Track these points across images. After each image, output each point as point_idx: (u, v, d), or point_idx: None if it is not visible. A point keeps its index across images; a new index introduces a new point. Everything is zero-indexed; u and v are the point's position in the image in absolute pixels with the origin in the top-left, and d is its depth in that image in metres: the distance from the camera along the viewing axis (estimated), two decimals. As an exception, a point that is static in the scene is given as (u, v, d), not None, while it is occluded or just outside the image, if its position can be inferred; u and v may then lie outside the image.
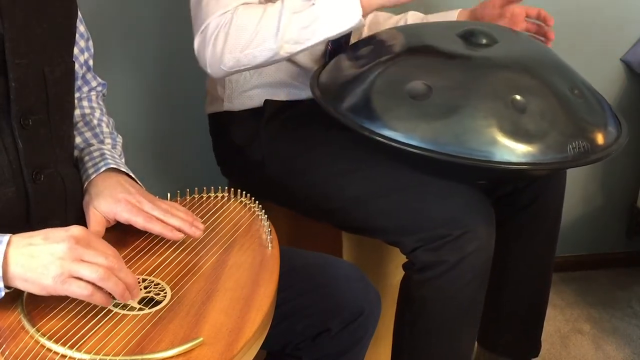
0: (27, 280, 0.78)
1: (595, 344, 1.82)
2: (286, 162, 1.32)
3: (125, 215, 0.94)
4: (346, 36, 1.37)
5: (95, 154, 1.02)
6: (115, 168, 1.00)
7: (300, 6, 1.17)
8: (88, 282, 0.78)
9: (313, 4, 1.16)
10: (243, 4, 1.19)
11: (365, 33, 1.52)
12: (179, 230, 0.95)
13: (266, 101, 1.34)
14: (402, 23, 1.51)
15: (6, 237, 0.79)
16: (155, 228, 0.94)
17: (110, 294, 0.80)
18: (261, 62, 1.21)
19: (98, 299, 0.79)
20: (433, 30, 1.34)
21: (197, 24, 1.22)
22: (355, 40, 1.41)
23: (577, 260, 2.13)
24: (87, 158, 1.02)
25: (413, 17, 1.51)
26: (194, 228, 0.96)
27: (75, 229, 0.81)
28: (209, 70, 1.22)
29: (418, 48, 1.25)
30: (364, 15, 1.17)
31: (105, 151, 1.03)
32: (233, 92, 1.35)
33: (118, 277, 0.80)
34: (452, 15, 1.48)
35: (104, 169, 0.99)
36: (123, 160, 1.07)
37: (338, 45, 1.37)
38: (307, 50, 1.21)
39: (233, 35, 1.18)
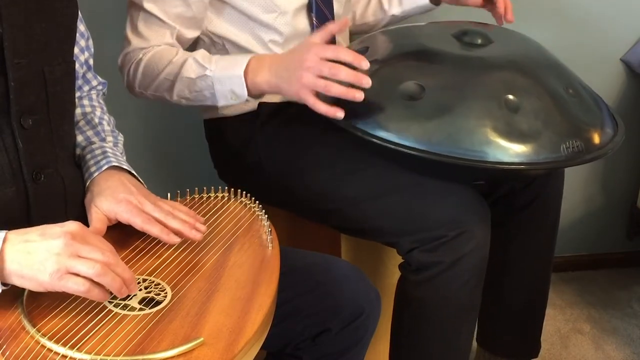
0: (24, 277, 0.78)
1: (595, 344, 1.82)
2: (282, 164, 1.32)
3: (125, 216, 0.94)
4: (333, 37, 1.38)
5: (97, 152, 1.02)
6: (117, 166, 1.00)
7: (196, 71, 1.23)
8: (85, 277, 0.78)
9: (206, 74, 1.22)
10: (160, 44, 1.27)
11: (350, 18, 1.54)
12: (179, 233, 0.95)
13: (260, 104, 1.34)
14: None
15: (2, 234, 0.79)
16: (153, 230, 0.94)
17: (107, 289, 0.80)
18: (169, 103, 1.30)
19: (95, 294, 0.79)
20: (427, 30, 1.34)
21: (123, 41, 1.30)
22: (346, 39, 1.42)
23: (577, 260, 2.13)
24: (89, 156, 1.02)
25: None
26: (194, 231, 0.96)
27: (71, 225, 0.81)
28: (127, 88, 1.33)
29: (412, 49, 1.25)
30: (251, 96, 1.22)
31: (107, 149, 1.03)
32: None
33: (115, 272, 0.80)
34: None
35: (106, 167, 0.99)
36: (124, 158, 1.07)
37: None
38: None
39: (140, 76, 1.27)
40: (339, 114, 1.12)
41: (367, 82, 1.10)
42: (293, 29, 1.32)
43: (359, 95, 1.10)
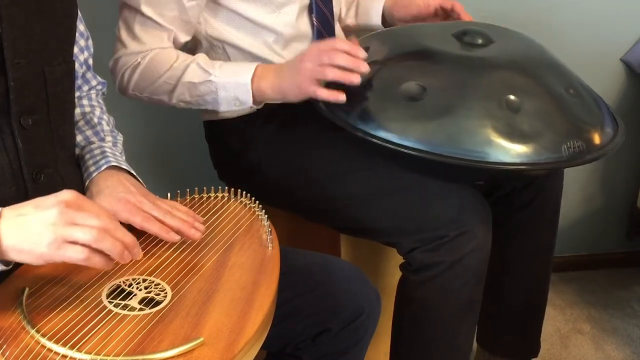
0: (22, 251, 0.76)
1: (595, 344, 1.82)
2: (283, 165, 1.32)
3: (124, 215, 0.94)
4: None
5: (96, 151, 1.02)
6: (116, 166, 1.00)
7: (199, 76, 1.22)
8: (84, 245, 0.76)
9: (210, 80, 1.22)
10: (157, 48, 1.25)
11: None
12: (178, 231, 0.95)
13: None
14: None
15: None
16: (152, 228, 0.94)
17: (109, 256, 0.78)
18: (164, 106, 1.29)
19: (96, 261, 0.77)
20: (428, 30, 1.34)
21: (116, 43, 1.28)
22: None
23: (577, 260, 2.13)
24: (88, 156, 1.02)
25: None
26: (194, 230, 0.96)
27: (65, 193, 0.79)
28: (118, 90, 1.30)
29: (412, 49, 1.25)
30: (255, 103, 1.23)
31: (106, 149, 1.03)
32: None
33: (115, 237, 0.78)
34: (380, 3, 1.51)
35: (105, 166, 0.99)
36: (124, 158, 1.07)
37: None
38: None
39: (137, 80, 1.25)
40: (341, 97, 1.14)
41: (365, 68, 1.13)
42: (295, 30, 1.32)
43: (355, 79, 1.12)
